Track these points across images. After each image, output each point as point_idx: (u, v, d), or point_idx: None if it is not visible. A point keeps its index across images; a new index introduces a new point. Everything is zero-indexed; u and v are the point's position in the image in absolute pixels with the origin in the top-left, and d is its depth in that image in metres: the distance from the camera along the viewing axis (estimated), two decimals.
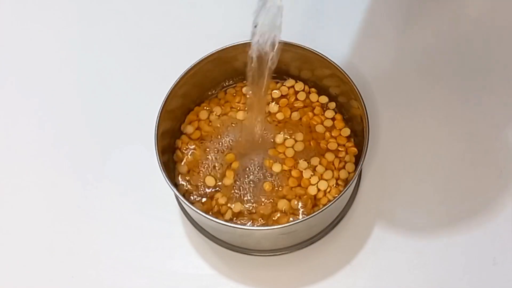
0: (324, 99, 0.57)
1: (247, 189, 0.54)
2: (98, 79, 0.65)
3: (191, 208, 0.49)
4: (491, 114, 0.59)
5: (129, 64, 0.65)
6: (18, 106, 0.64)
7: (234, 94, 0.58)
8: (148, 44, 0.66)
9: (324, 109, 0.57)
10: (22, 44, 0.67)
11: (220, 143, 0.56)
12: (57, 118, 0.63)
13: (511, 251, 0.53)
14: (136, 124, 0.61)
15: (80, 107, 0.63)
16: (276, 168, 0.54)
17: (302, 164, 0.54)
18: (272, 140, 0.55)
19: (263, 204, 0.53)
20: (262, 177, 0.54)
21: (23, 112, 0.63)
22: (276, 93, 0.58)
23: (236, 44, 0.54)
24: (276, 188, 0.54)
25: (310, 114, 0.56)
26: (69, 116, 0.63)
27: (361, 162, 0.49)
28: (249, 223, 0.52)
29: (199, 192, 0.54)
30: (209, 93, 0.59)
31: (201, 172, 0.55)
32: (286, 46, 0.53)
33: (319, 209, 0.48)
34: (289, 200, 0.53)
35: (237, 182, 0.54)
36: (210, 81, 0.58)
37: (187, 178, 0.55)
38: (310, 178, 0.54)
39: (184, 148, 0.56)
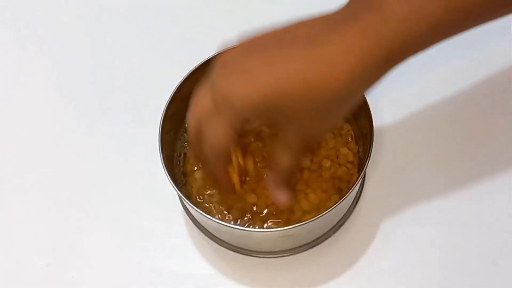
0: None
1: None
2: (102, 78, 0.65)
3: (193, 208, 0.49)
4: (495, 114, 0.59)
5: (134, 64, 0.65)
6: (17, 106, 0.64)
7: None
8: (157, 42, 0.66)
9: None
10: (22, 49, 0.67)
11: None
12: (59, 118, 0.63)
13: (511, 251, 0.53)
14: (140, 123, 0.61)
15: (83, 106, 0.63)
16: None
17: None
18: None
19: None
20: None
21: (22, 112, 0.63)
22: None
23: None
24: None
25: None
26: (70, 115, 0.63)
27: (365, 166, 0.49)
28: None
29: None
30: None
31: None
32: None
33: (319, 214, 0.47)
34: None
35: None
36: None
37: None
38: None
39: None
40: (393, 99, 0.60)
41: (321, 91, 0.40)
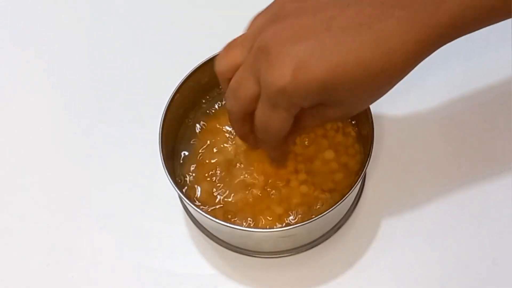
0: None
1: None
2: (102, 78, 0.65)
3: (193, 208, 0.49)
4: (494, 115, 0.59)
5: (134, 64, 0.65)
6: (17, 106, 0.64)
7: None
8: (157, 42, 0.66)
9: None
10: (22, 48, 0.68)
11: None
12: (59, 118, 0.63)
13: (511, 251, 0.53)
14: (140, 123, 0.61)
15: (83, 106, 0.63)
16: None
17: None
18: None
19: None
20: None
21: (22, 112, 0.63)
22: None
23: None
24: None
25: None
26: (70, 115, 0.63)
27: (365, 166, 0.49)
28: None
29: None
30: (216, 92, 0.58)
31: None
32: None
33: (319, 214, 0.47)
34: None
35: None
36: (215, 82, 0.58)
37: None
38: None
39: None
40: (393, 99, 0.60)
41: (379, 78, 0.40)
